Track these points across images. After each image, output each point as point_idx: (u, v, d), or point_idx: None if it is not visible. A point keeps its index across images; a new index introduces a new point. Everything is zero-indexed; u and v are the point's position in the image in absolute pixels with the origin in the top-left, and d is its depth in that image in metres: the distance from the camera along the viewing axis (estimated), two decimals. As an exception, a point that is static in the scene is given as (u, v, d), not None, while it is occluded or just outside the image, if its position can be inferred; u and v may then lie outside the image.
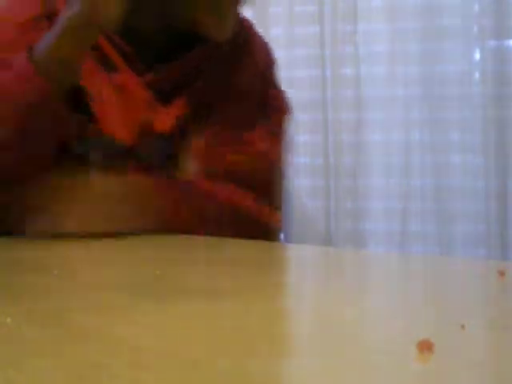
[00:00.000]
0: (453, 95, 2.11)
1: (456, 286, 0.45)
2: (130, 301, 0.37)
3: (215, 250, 0.68)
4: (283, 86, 1.01)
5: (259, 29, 1.93)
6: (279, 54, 1.83)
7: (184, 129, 0.84)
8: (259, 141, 0.86)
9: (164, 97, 0.84)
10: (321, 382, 0.22)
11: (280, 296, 0.40)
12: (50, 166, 0.77)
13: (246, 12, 1.85)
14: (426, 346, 0.25)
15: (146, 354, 0.25)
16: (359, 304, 0.38)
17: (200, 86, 0.86)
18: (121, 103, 0.82)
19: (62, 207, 0.73)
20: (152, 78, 0.83)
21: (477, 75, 2.12)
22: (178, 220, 0.76)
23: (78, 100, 0.81)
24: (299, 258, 0.60)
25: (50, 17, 0.83)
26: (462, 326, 0.28)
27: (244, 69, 0.91)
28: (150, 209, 0.76)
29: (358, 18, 1.81)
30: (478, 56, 2.11)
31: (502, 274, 0.44)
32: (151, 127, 0.83)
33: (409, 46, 2.01)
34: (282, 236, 0.70)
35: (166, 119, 0.84)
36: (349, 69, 1.81)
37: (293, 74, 1.82)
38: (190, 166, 0.82)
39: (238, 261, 0.63)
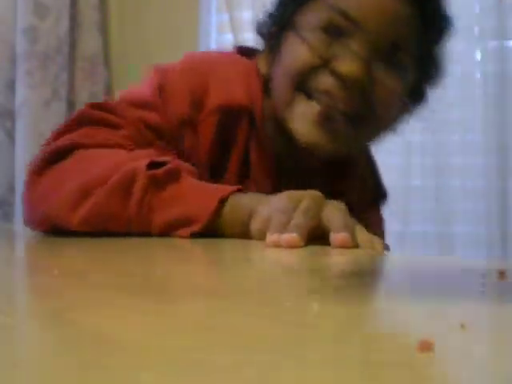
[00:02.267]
0: (453, 96, 2.11)
1: (456, 286, 0.45)
2: (130, 301, 0.37)
3: (216, 250, 0.68)
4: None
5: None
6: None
7: None
8: None
9: None
10: (320, 381, 0.22)
11: (278, 296, 0.40)
12: None
13: (247, 14, 1.86)
14: (426, 346, 0.25)
15: (146, 354, 0.25)
16: (359, 303, 0.38)
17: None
18: None
19: None
20: None
21: (478, 76, 2.12)
22: None
23: None
24: (299, 258, 0.60)
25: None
26: (462, 326, 0.28)
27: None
28: None
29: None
30: (478, 57, 2.11)
31: (502, 273, 0.44)
32: None
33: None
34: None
35: None
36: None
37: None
38: None
39: (240, 261, 0.63)
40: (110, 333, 0.29)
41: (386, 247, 0.69)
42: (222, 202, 0.75)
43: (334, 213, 0.68)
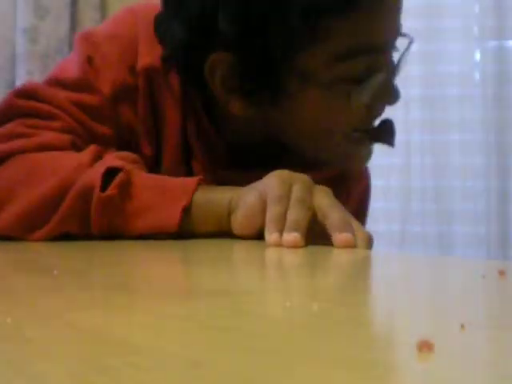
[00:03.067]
0: (453, 95, 2.11)
1: (456, 286, 0.45)
2: (130, 301, 0.37)
3: (216, 250, 0.68)
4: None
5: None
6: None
7: None
8: None
9: None
10: (320, 381, 0.22)
11: (278, 296, 0.40)
12: None
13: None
14: (426, 346, 0.25)
15: (146, 354, 0.25)
16: (359, 304, 0.38)
17: None
18: None
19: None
20: None
21: (477, 75, 2.12)
22: None
23: None
24: (299, 258, 0.60)
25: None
26: (462, 326, 0.28)
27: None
28: None
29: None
30: (478, 56, 2.11)
31: (502, 273, 0.44)
32: None
33: (409, 47, 2.00)
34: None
35: None
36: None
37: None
38: None
39: (240, 261, 0.63)
40: (110, 333, 0.29)
41: (370, 240, 0.67)
42: (189, 201, 0.71)
43: (326, 201, 0.66)
